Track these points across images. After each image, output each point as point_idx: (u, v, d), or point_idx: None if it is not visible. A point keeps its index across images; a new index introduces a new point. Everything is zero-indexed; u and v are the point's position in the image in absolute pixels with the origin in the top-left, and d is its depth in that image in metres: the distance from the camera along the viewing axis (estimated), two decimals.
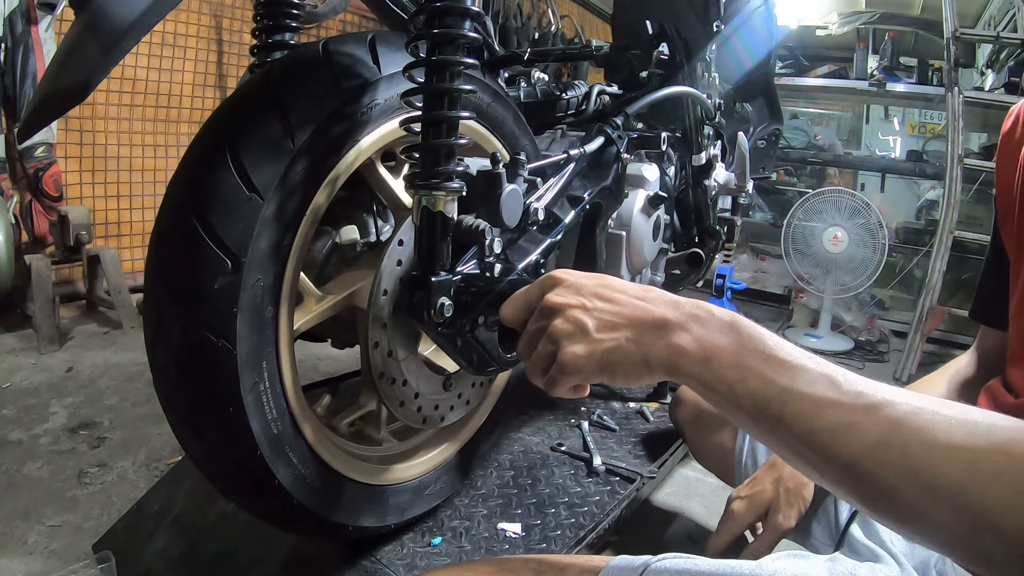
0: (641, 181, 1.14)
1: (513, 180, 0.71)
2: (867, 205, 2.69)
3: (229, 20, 2.76)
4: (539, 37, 3.52)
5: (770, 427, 0.41)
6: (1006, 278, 0.71)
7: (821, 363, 0.41)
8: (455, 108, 0.64)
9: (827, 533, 0.81)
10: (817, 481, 0.42)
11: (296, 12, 0.84)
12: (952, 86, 2.51)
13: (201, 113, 2.74)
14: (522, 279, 0.70)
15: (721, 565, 0.56)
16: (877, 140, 3.79)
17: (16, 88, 2.12)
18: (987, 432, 0.35)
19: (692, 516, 1.39)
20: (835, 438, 0.38)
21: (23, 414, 1.64)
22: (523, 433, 1.18)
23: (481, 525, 0.89)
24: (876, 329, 2.96)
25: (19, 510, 1.24)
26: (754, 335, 0.43)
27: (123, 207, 2.60)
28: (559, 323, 0.47)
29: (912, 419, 0.37)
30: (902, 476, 0.36)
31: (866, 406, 0.38)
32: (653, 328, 0.45)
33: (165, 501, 0.98)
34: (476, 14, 0.63)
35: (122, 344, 2.21)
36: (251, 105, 0.62)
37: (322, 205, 0.66)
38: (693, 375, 0.43)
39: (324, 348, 1.39)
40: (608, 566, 0.56)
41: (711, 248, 1.38)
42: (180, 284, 0.58)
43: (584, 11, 4.41)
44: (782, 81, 3.13)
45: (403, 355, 0.75)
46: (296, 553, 0.84)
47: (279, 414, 0.65)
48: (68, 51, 0.52)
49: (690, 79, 1.26)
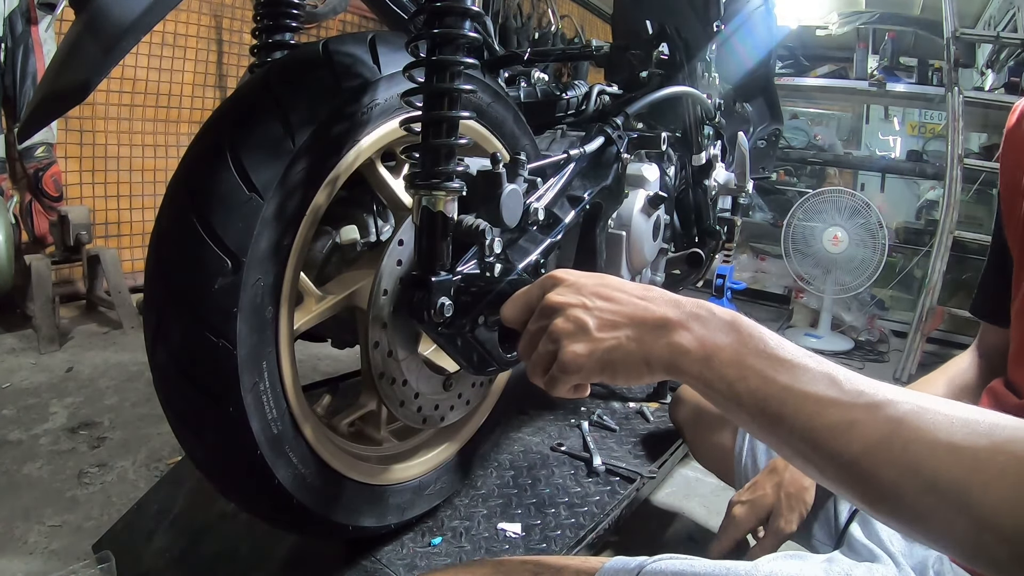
0: (641, 181, 1.14)
1: (513, 180, 0.71)
2: (867, 205, 2.69)
3: (229, 20, 2.76)
4: (539, 37, 3.52)
5: (771, 426, 0.41)
6: (1008, 275, 0.71)
7: (822, 362, 0.41)
8: (455, 108, 0.64)
9: (826, 532, 0.81)
10: (818, 480, 0.42)
11: (296, 12, 0.84)
12: (952, 86, 2.51)
13: (201, 113, 2.74)
14: (522, 279, 0.70)
15: (717, 566, 0.56)
16: (877, 140, 3.79)
17: (16, 88, 2.12)
18: (989, 431, 0.35)
19: (692, 516, 1.39)
20: (836, 437, 0.38)
21: (23, 414, 1.64)
22: (523, 433, 1.18)
23: (481, 525, 0.89)
24: (876, 329, 2.96)
25: (19, 510, 1.24)
26: (755, 334, 0.43)
27: (123, 207, 2.60)
28: (560, 322, 0.47)
29: (913, 418, 0.37)
30: (903, 475, 0.36)
31: (867, 405, 0.38)
32: (654, 327, 0.45)
33: (165, 501, 0.98)
34: (476, 14, 0.63)
35: (122, 344, 2.21)
36: (251, 105, 0.62)
37: (322, 205, 0.66)
38: (694, 374, 0.43)
39: (324, 348, 1.39)
40: (604, 567, 0.56)
41: (711, 248, 1.38)
42: (180, 284, 0.58)
43: (584, 11, 4.41)
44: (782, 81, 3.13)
45: (403, 355, 0.75)
46: (296, 553, 0.84)
47: (279, 414, 0.65)
48: (68, 51, 0.52)
49: (690, 79, 1.26)
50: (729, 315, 0.44)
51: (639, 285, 0.49)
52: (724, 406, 0.43)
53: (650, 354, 0.45)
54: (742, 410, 0.42)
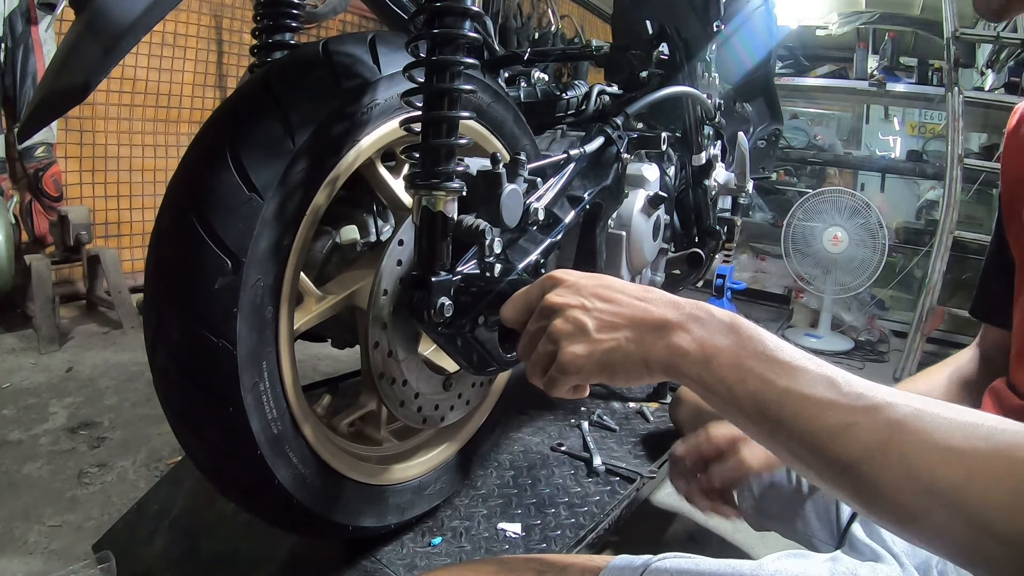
0: (641, 181, 1.14)
1: (513, 180, 0.71)
2: (867, 205, 2.69)
3: (229, 20, 2.76)
4: (539, 37, 3.52)
5: (770, 429, 0.41)
6: (1008, 276, 0.71)
7: (821, 365, 0.41)
8: (455, 108, 0.64)
9: (828, 532, 0.81)
10: (817, 483, 0.41)
11: (296, 12, 0.84)
12: (952, 86, 2.51)
13: (201, 113, 2.74)
14: (522, 279, 0.70)
15: (721, 564, 0.56)
16: (877, 140, 3.79)
17: (16, 88, 2.13)
18: (987, 435, 0.35)
19: (692, 516, 1.39)
20: (834, 440, 0.38)
21: (23, 414, 1.64)
22: (523, 433, 1.18)
23: (481, 525, 0.89)
24: (876, 329, 2.96)
25: (19, 510, 1.24)
26: (754, 336, 0.43)
27: (123, 207, 2.60)
28: (559, 323, 0.47)
29: (912, 421, 0.37)
30: (901, 478, 0.36)
31: (866, 408, 0.38)
32: (653, 328, 0.45)
33: (165, 501, 0.98)
34: (476, 14, 0.63)
35: (122, 344, 2.21)
36: (251, 105, 0.62)
37: (322, 205, 0.66)
38: (693, 376, 0.43)
39: (324, 348, 1.39)
40: (609, 565, 0.56)
41: (711, 248, 1.38)
42: (180, 284, 0.58)
43: (584, 11, 4.41)
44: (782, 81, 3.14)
45: (403, 355, 0.75)
46: (296, 553, 0.84)
47: (279, 414, 0.65)
48: (68, 51, 0.52)
49: (690, 79, 1.26)
50: (728, 317, 0.44)
51: (638, 286, 0.49)
52: (723, 408, 0.43)
53: (649, 355, 0.44)
54: (741, 413, 0.42)
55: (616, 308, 0.46)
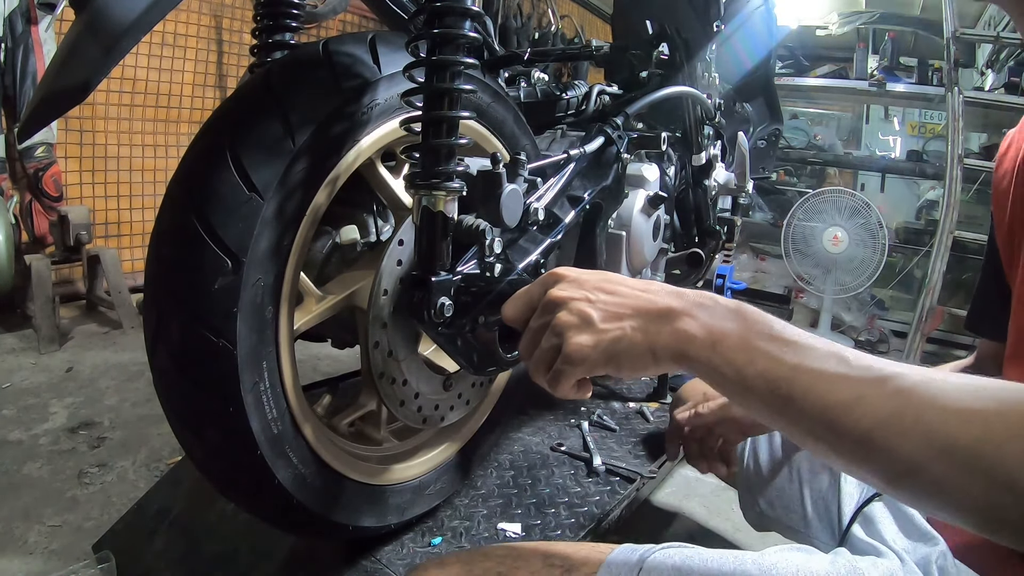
0: (641, 181, 1.14)
1: (513, 180, 0.71)
2: (867, 205, 2.70)
3: (229, 20, 2.77)
4: (539, 37, 3.52)
5: (781, 407, 0.41)
6: (999, 289, 0.72)
7: (828, 343, 0.41)
8: (455, 108, 0.64)
9: (829, 533, 0.81)
10: (832, 461, 0.41)
11: (296, 12, 0.84)
12: (952, 86, 2.51)
13: (201, 113, 2.74)
14: (522, 279, 0.70)
15: (723, 555, 0.56)
16: (877, 140, 3.80)
17: (16, 88, 2.13)
18: (995, 395, 0.36)
19: (692, 516, 1.39)
20: (847, 412, 0.38)
21: (23, 414, 1.64)
22: (523, 433, 1.18)
23: (481, 525, 0.89)
24: (876, 329, 2.96)
25: (19, 510, 1.24)
26: (760, 319, 0.43)
27: (123, 207, 2.60)
28: (563, 316, 0.47)
29: (922, 388, 0.37)
30: (917, 445, 0.36)
31: (876, 379, 0.38)
32: (658, 316, 0.45)
33: (165, 501, 0.98)
34: (476, 14, 0.63)
35: (122, 344, 2.21)
36: (251, 105, 0.62)
37: (322, 205, 0.66)
38: (701, 360, 0.43)
39: (324, 348, 1.39)
40: (610, 556, 0.56)
41: (711, 248, 1.38)
42: (180, 284, 0.58)
43: (584, 11, 4.42)
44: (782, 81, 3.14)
45: (403, 355, 0.75)
46: (296, 553, 0.84)
47: (279, 414, 0.65)
48: (68, 51, 0.52)
49: (690, 79, 1.26)
50: (733, 303, 0.45)
51: (641, 280, 0.49)
52: (733, 391, 0.43)
53: (656, 343, 0.44)
54: (752, 394, 0.41)
55: (620, 299, 0.47)
